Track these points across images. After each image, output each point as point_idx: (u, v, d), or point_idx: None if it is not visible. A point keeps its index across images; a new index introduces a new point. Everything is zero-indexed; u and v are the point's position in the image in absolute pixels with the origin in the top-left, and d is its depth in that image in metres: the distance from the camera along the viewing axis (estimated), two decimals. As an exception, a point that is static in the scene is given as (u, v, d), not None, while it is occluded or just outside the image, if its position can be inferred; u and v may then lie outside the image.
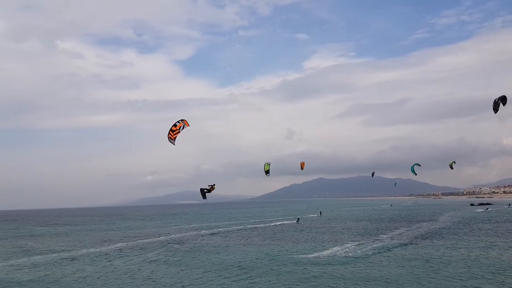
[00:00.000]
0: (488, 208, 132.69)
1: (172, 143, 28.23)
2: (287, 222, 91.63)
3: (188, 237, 61.56)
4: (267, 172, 51.44)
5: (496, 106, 30.22)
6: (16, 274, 34.00)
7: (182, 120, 28.51)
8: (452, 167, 62.06)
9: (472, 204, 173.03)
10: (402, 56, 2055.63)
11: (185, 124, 28.45)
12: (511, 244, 43.72)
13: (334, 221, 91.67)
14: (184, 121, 28.49)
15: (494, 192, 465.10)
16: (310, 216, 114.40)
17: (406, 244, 45.76)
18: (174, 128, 28.21)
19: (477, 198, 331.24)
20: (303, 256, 38.90)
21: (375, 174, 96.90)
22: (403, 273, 29.90)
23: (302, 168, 59.68)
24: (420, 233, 58.25)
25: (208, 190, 32.76)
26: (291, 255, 39.58)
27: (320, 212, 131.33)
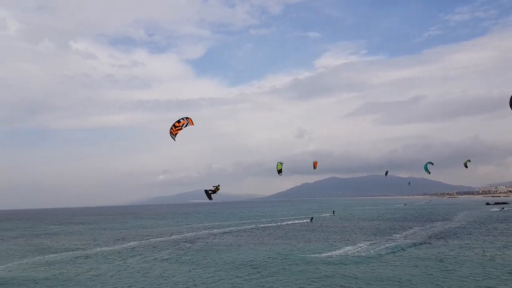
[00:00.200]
0: (504, 208, 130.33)
1: (172, 138, 28.22)
2: (299, 221, 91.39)
3: (200, 236, 61.86)
4: (280, 171, 51.33)
5: (513, 103, 29.53)
6: (31, 272, 34.59)
7: (187, 118, 28.49)
8: (466, 166, 61.01)
9: (487, 203, 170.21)
10: (415, 54, 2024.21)
11: (189, 122, 28.40)
12: (528, 244, 42.88)
13: (347, 220, 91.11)
14: (189, 119, 28.45)
15: (510, 191, 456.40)
16: (323, 215, 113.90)
17: (419, 244, 45.22)
18: (177, 124, 28.20)
19: (493, 197, 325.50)
20: (316, 255, 38.75)
21: (388, 173, 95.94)
22: (416, 273, 29.56)
23: (315, 167, 59.44)
24: (434, 232, 57.52)
25: (213, 191, 32.94)
26: (303, 255, 39.45)
27: (333, 211, 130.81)
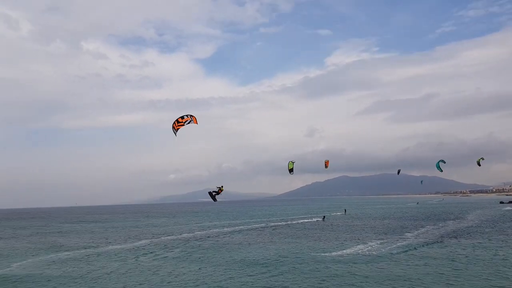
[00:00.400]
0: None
1: (174, 133, 28.30)
2: (310, 220, 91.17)
3: (210, 234, 62.12)
4: (291, 170, 51.27)
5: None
6: (45, 270, 35.14)
7: (191, 116, 28.55)
8: (479, 164, 60.22)
9: (501, 202, 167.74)
10: (428, 51, 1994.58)
11: (192, 120, 28.48)
12: (543, 244, 42.12)
13: (359, 219, 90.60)
14: (193, 117, 28.53)
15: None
16: (333, 214, 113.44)
17: (431, 243, 44.74)
18: (180, 120, 28.32)
19: (507, 195, 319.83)
20: (326, 254, 38.61)
21: (400, 172, 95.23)
22: (428, 272, 29.24)
23: (326, 166, 59.29)
24: (446, 231, 56.85)
25: (216, 192, 33.27)
26: (314, 253, 39.33)
27: (345, 210, 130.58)
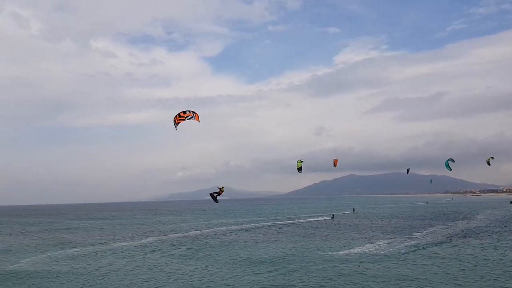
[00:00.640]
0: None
1: (174, 126, 28.34)
2: (317, 219, 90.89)
3: (217, 232, 62.23)
4: (300, 169, 51.09)
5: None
6: (54, 266, 35.47)
7: (194, 112, 28.54)
8: (489, 163, 59.46)
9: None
10: (438, 49, 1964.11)
11: (194, 116, 28.47)
12: (554, 244, 41.46)
13: (367, 218, 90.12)
14: (196, 114, 28.54)
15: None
16: (341, 213, 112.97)
17: (440, 243, 44.32)
18: (182, 114, 28.35)
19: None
20: (334, 253, 38.44)
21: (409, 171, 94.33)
22: (436, 272, 28.95)
23: (335, 165, 58.91)
24: (455, 231, 56.28)
25: (217, 193, 33.34)
26: (321, 252, 39.19)
27: (353, 208, 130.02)
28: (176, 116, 28.19)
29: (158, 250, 43.66)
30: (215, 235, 58.21)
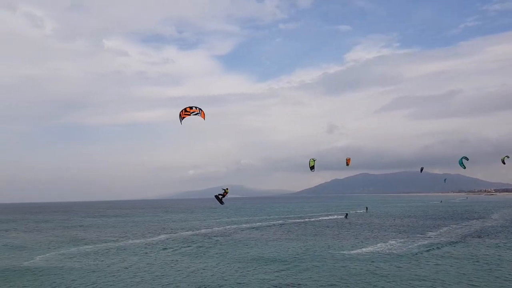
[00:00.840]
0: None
1: (179, 120, 28.29)
2: (330, 217, 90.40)
3: (228, 230, 62.30)
4: (312, 167, 50.87)
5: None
6: (67, 263, 35.87)
7: (200, 109, 28.46)
8: (504, 162, 58.22)
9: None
10: (451, 46, 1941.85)
11: (200, 113, 28.38)
12: None
13: (380, 217, 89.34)
14: (202, 111, 28.44)
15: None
16: (354, 212, 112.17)
17: (454, 243, 43.63)
18: (188, 109, 28.29)
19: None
20: (345, 252, 38.12)
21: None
22: (450, 272, 28.47)
23: (347, 164, 58.40)
24: (470, 231, 55.38)
25: (222, 195, 33.39)
26: (333, 251, 38.90)
27: (366, 207, 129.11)
28: (182, 110, 28.18)
29: (169, 247, 43.86)
30: (226, 233, 58.28)
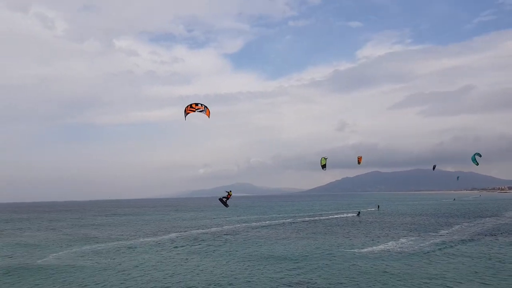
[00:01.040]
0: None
1: (184, 116, 28.34)
2: (341, 216, 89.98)
3: (238, 229, 62.39)
4: (324, 166, 50.75)
5: None
6: (79, 261, 36.29)
7: (205, 106, 28.47)
8: (518, 159, 57.20)
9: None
10: (465, 41, 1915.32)
11: (205, 111, 28.40)
12: None
13: (391, 215, 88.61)
14: (207, 109, 28.46)
15: None
16: (366, 210, 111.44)
17: (467, 241, 43.06)
18: (193, 105, 28.33)
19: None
20: (356, 250, 37.90)
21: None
22: (462, 270, 28.11)
23: (359, 162, 58.14)
24: (483, 229, 54.60)
25: (226, 198, 33.49)
26: (343, 250, 38.71)
27: (378, 205, 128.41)
28: (187, 106, 28.26)
29: (180, 246, 44.10)
30: (236, 231, 58.37)
